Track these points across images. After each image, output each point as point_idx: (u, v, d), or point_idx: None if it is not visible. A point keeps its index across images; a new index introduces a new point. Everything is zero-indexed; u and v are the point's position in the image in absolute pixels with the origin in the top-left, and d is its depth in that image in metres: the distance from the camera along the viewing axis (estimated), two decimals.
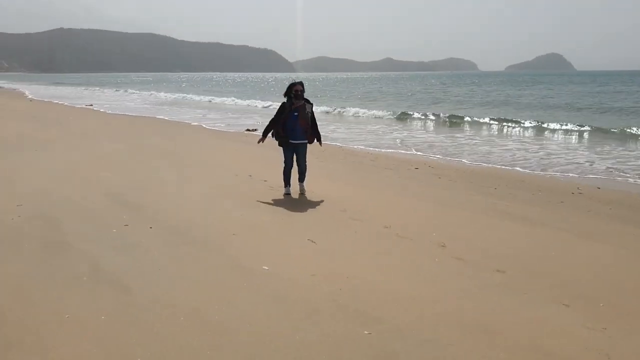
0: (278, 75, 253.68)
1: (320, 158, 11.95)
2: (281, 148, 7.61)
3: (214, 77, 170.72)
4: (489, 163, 12.23)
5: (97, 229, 5.73)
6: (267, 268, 4.71)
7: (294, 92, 7.38)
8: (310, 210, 6.97)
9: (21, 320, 3.62)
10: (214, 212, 6.62)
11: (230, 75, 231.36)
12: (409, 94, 51.07)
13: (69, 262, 4.74)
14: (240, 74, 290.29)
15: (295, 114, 7.39)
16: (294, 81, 7.55)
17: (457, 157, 13.01)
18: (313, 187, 8.12)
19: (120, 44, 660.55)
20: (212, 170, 9.82)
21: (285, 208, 7.01)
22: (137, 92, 53.91)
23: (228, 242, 5.42)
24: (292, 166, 7.66)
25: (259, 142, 7.77)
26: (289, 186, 7.71)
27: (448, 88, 63.59)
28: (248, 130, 18.54)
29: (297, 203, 7.35)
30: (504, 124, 21.57)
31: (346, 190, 8.37)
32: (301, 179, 7.76)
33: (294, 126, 7.38)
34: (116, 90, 59.70)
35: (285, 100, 7.54)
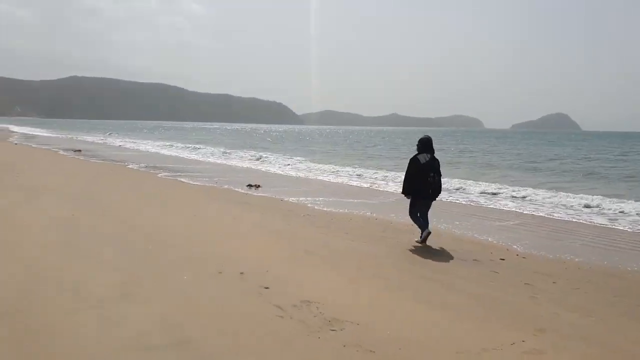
0: (285, 127, 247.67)
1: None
2: None
3: (228, 127, 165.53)
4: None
5: None
6: None
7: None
8: None
9: None
10: None
11: (241, 126, 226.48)
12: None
13: None
14: (250, 125, 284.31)
15: None
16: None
17: None
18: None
19: (133, 92, 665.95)
20: (206, 264, 6.31)
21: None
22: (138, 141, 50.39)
23: None
24: None
25: None
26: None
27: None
28: (250, 185, 14.96)
29: None
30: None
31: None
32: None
33: None
34: (107, 135, 57.58)
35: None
